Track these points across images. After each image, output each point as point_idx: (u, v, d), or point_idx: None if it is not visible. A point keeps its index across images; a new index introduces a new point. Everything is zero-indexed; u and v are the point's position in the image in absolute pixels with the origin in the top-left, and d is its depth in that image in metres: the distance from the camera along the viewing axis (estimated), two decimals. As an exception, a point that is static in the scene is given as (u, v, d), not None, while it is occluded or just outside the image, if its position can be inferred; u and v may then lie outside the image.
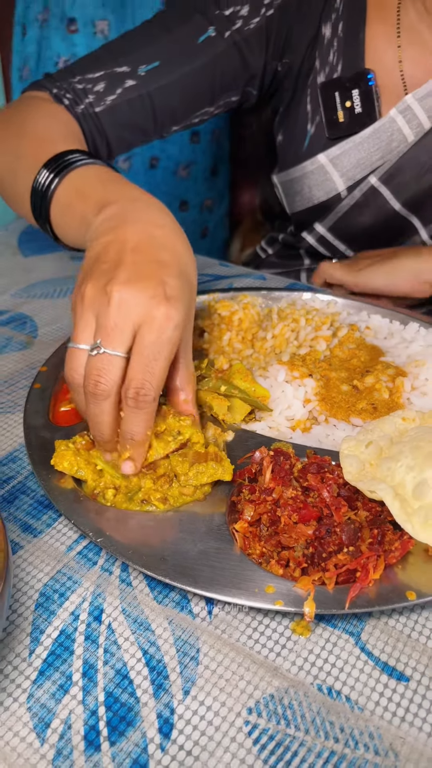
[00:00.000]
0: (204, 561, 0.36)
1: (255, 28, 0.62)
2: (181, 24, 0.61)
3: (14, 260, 0.72)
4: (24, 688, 0.31)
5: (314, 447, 0.43)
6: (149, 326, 0.37)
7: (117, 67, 0.60)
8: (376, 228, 0.67)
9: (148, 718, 0.30)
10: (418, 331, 0.54)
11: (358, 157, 0.64)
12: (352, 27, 0.62)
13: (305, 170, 0.67)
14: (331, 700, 0.31)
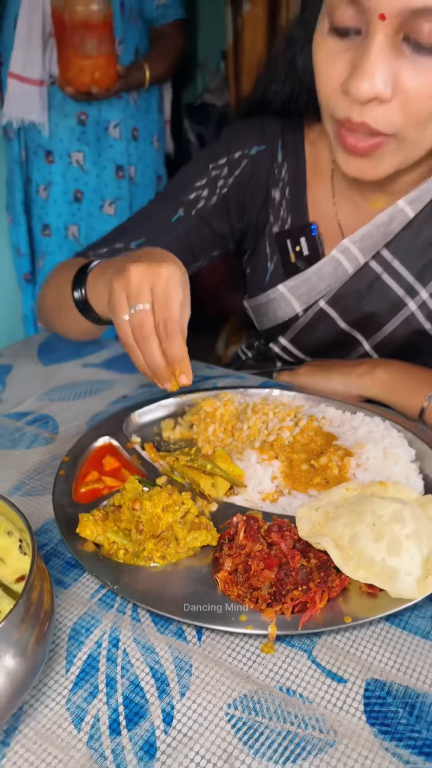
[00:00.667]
0: (194, 600, 0.47)
1: (215, 203, 0.81)
2: (160, 209, 0.82)
3: (35, 369, 0.86)
4: (63, 695, 0.42)
5: (279, 513, 0.56)
6: (158, 281, 0.58)
7: (116, 244, 0.80)
8: (327, 341, 0.83)
9: (155, 713, 0.41)
10: (362, 420, 0.68)
11: (309, 286, 0.80)
12: (296, 190, 0.80)
13: (269, 297, 0.83)
14: (289, 696, 0.42)
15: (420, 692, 0.43)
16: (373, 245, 0.76)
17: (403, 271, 0.76)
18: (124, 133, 1.60)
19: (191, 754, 0.39)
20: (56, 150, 1.62)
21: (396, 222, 0.74)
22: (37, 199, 1.69)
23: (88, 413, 0.75)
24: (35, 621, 0.40)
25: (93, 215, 1.67)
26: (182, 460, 0.61)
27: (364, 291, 0.78)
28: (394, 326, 0.79)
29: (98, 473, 0.63)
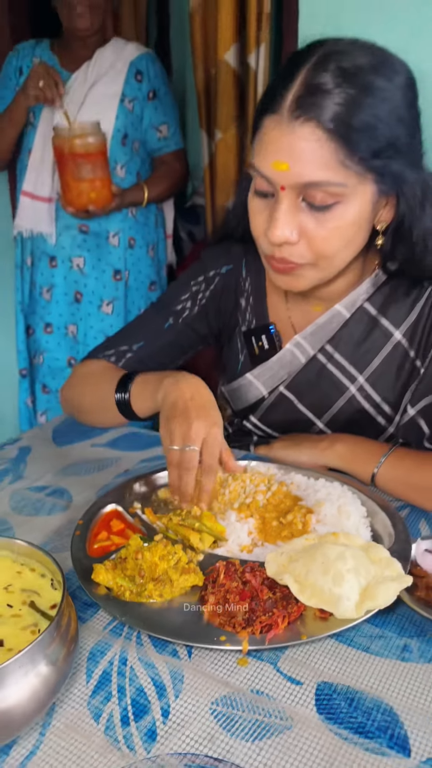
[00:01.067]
0: (186, 627, 0.61)
1: (197, 312, 1.00)
2: (154, 318, 1.02)
3: (51, 450, 1.02)
4: (84, 699, 0.55)
5: (253, 560, 0.70)
6: (211, 435, 0.76)
7: (121, 347, 0.98)
8: (289, 420, 0.99)
9: (155, 710, 0.54)
10: (323, 484, 0.83)
11: (272, 374, 0.97)
12: (258, 298, 0.99)
13: (240, 384, 1.00)
14: (258, 696, 0.55)
15: (357, 690, 0.56)
16: (318, 340, 0.93)
17: (343, 361, 0.93)
18: (122, 241, 1.82)
19: (183, 737, 0.52)
20: (59, 255, 1.84)
21: (335, 321, 0.92)
22: (40, 299, 1.89)
23: (97, 485, 0.90)
24: (64, 640, 0.54)
25: (92, 314, 1.86)
26: (175, 520, 0.75)
27: (313, 378, 0.95)
28: (339, 407, 0.95)
29: (107, 533, 0.77)
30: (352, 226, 0.77)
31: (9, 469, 0.95)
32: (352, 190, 0.74)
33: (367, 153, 0.72)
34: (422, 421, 0.90)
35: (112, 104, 1.75)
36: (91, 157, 1.61)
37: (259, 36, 1.56)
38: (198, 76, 1.71)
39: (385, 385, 0.92)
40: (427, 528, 0.80)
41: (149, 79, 1.80)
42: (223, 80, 1.63)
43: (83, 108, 1.73)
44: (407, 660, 0.59)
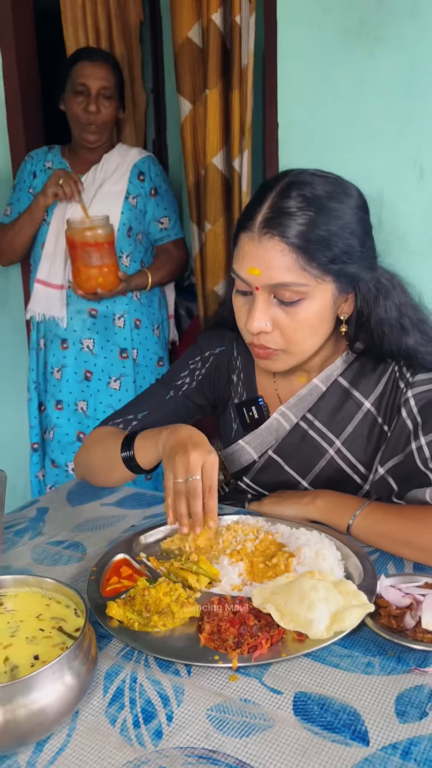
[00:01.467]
0: (185, 650, 0.73)
1: (195, 386, 1.17)
2: (158, 391, 1.18)
3: (66, 509, 1.15)
4: (102, 708, 0.67)
5: (242, 596, 0.82)
6: (208, 462, 0.89)
7: (127, 416, 1.14)
8: (277, 481, 1.13)
9: (161, 715, 0.66)
10: (303, 532, 0.96)
11: (261, 440, 1.12)
12: (248, 374, 1.15)
13: (234, 449, 1.15)
14: (245, 703, 0.67)
15: (327, 697, 0.67)
16: (300, 410, 1.08)
17: (322, 428, 1.07)
18: (128, 323, 2.00)
19: (184, 735, 0.63)
20: (70, 338, 2.01)
21: (314, 393, 1.07)
22: (51, 378, 2.05)
23: (107, 539, 1.03)
24: (86, 658, 0.66)
25: (101, 391, 2.02)
26: (176, 565, 0.88)
27: (297, 443, 1.10)
28: (320, 467, 1.09)
29: (118, 578, 0.89)
30: (316, 317, 0.94)
31: (29, 527, 1.08)
32: (313, 290, 0.92)
33: (324, 260, 0.90)
34: (390, 479, 1.04)
35: (118, 201, 1.96)
36: (99, 246, 1.81)
37: (242, 144, 1.79)
38: (189, 176, 1.94)
39: (359, 448, 1.07)
40: (393, 568, 0.92)
41: (150, 178, 2.02)
42: (211, 180, 1.85)
43: (92, 205, 1.95)
44: (370, 674, 0.71)
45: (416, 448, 0.98)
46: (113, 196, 1.98)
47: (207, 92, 1.79)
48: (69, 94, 1.95)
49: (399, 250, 1.66)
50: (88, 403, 2.04)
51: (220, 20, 1.74)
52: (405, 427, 1.00)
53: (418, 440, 0.98)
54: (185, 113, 1.87)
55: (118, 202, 1.97)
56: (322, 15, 1.63)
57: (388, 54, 1.56)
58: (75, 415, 2.06)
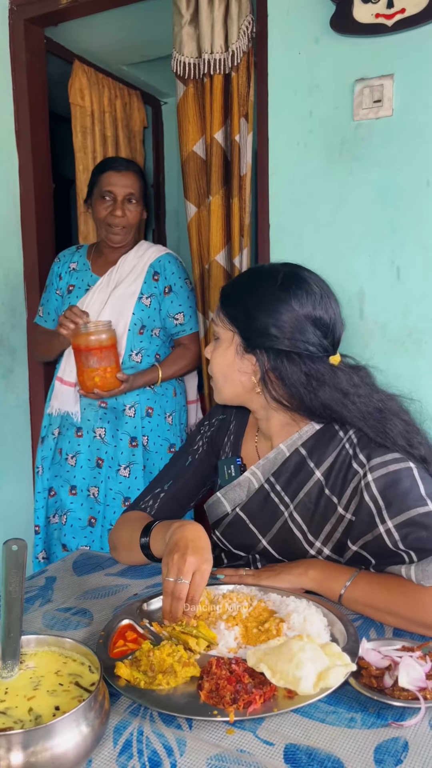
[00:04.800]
0: (187, 706, 0.81)
1: (206, 448, 1.33)
2: (178, 460, 1.33)
3: (73, 579, 1.23)
4: (113, 758, 0.74)
5: (238, 657, 0.91)
6: (200, 571, 0.98)
7: (155, 490, 1.30)
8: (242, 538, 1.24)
9: (166, 764, 0.73)
10: (293, 600, 1.05)
11: (234, 495, 1.24)
12: (237, 439, 1.30)
13: (213, 500, 1.28)
14: (241, 753, 0.75)
15: (314, 747, 0.76)
16: (266, 472, 1.21)
17: (281, 491, 1.19)
18: (138, 412, 2.04)
19: (187, 781, 0.71)
20: (84, 427, 2.08)
21: (279, 457, 1.20)
22: (65, 465, 2.10)
23: (112, 606, 1.11)
24: (100, 710, 0.75)
25: (111, 478, 2.05)
26: (177, 629, 0.97)
27: (261, 503, 1.21)
28: (277, 529, 1.19)
29: (123, 641, 0.97)
30: (223, 359, 1.19)
31: (39, 595, 1.17)
32: (223, 335, 1.19)
33: (227, 312, 1.19)
34: (366, 553, 1.13)
35: (130, 303, 2.04)
36: (98, 350, 1.88)
37: (242, 243, 1.98)
38: (195, 270, 2.13)
39: (306, 512, 1.17)
40: (374, 633, 1.01)
41: (165, 277, 2.08)
42: (215, 275, 2.03)
43: (106, 307, 2.03)
44: (352, 727, 0.79)
45: (384, 531, 1.07)
46: (126, 298, 2.04)
47: (210, 198, 2.00)
48: (96, 199, 2.05)
49: (381, 338, 1.82)
50: (99, 489, 2.07)
51: (221, 138, 1.97)
52: (369, 510, 1.10)
53: (385, 523, 1.07)
54: (191, 215, 2.07)
55: (130, 303, 2.04)
56: (308, 135, 1.86)
57: (365, 170, 1.77)
58: (87, 501, 2.09)
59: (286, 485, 1.19)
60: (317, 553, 1.17)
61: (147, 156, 3.36)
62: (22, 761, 0.67)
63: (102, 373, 1.89)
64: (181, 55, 1.97)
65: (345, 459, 1.15)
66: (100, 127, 2.85)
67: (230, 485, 1.25)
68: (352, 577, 1.10)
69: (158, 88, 3.35)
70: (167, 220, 3.62)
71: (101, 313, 2.03)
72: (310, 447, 1.18)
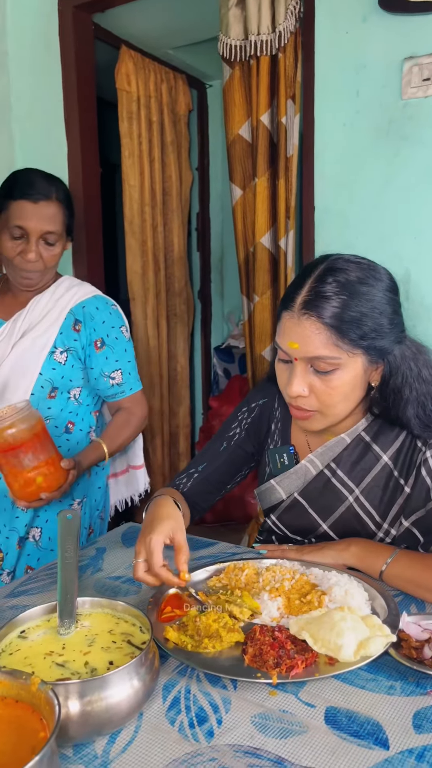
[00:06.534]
0: (231, 668, 0.85)
1: (243, 435, 1.32)
2: (213, 444, 1.33)
3: (122, 550, 1.28)
4: (162, 712, 0.79)
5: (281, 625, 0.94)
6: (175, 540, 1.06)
7: (190, 470, 1.29)
8: (300, 522, 1.25)
9: (212, 719, 0.78)
10: (334, 574, 1.08)
11: (289, 482, 1.25)
12: (284, 425, 1.30)
13: (266, 488, 1.29)
14: (283, 713, 0.79)
15: (354, 711, 0.79)
16: (326, 459, 1.22)
17: (344, 476, 1.20)
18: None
19: (232, 736, 0.75)
20: None
21: (339, 445, 1.21)
22: None
23: (160, 576, 1.16)
24: (150, 668, 0.80)
25: None
26: (222, 598, 1.01)
27: (321, 488, 1.23)
28: (340, 513, 1.21)
29: (171, 608, 1.02)
30: (348, 385, 1.09)
31: (90, 564, 1.22)
32: (346, 362, 1.07)
33: (354, 337, 1.05)
34: (416, 530, 1.15)
35: (38, 359, 1.55)
36: (30, 443, 1.33)
37: (287, 225, 2.00)
38: (240, 252, 2.15)
39: (375, 497, 1.19)
40: (415, 609, 1.03)
41: (93, 329, 1.59)
42: (260, 258, 2.05)
43: (4, 364, 1.55)
44: (392, 694, 0.82)
45: None
46: (34, 352, 1.55)
47: (256, 180, 2.01)
48: (2, 231, 1.50)
49: (427, 321, 1.82)
50: None
51: (267, 120, 1.97)
52: (425, 485, 1.13)
53: None
54: (236, 198, 2.09)
55: (37, 359, 1.54)
56: (355, 116, 1.85)
57: (413, 150, 1.75)
58: None
59: (349, 471, 1.21)
60: (384, 535, 1.20)
61: (192, 140, 3.38)
62: (78, 709, 0.72)
63: (44, 469, 1.36)
64: (228, 38, 1.98)
65: (411, 441, 1.17)
66: (145, 112, 2.88)
67: (285, 474, 1.27)
68: (393, 554, 1.12)
69: (203, 71, 3.35)
70: (211, 205, 3.63)
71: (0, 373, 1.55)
72: (374, 433, 1.20)
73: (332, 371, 1.07)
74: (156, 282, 3.03)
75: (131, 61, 2.79)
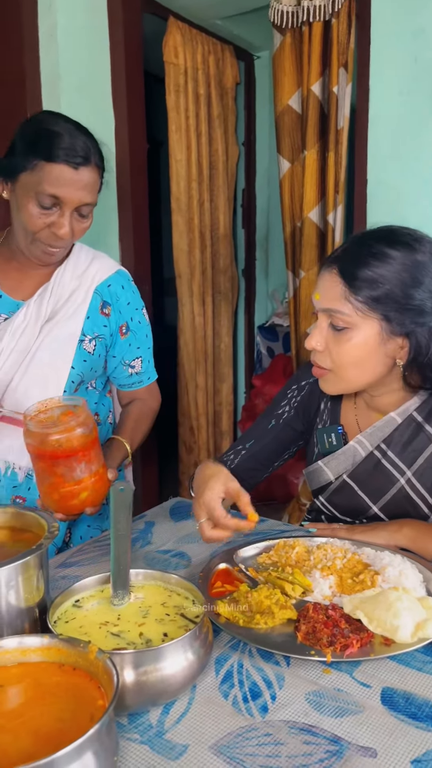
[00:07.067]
0: (284, 644, 0.84)
1: (293, 414, 1.30)
2: (262, 422, 1.31)
3: (169, 524, 1.29)
4: (215, 685, 0.79)
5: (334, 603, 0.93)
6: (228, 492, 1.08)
7: (237, 447, 1.29)
8: (350, 504, 1.22)
9: (266, 695, 0.77)
10: (387, 555, 1.05)
11: (337, 463, 1.23)
12: (334, 404, 1.27)
13: (313, 468, 1.27)
14: (338, 692, 0.78)
15: (411, 693, 0.77)
16: (376, 439, 1.19)
17: (394, 458, 1.17)
18: None
19: (286, 712, 0.75)
20: None
21: (389, 425, 1.18)
22: None
23: (208, 550, 1.16)
24: (204, 641, 0.79)
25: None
26: (273, 574, 1.00)
27: (371, 470, 1.20)
28: (391, 494, 1.18)
29: (221, 583, 1.02)
30: (360, 350, 1.08)
31: (140, 537, 1.23)
32: (358, 323, 1.06)
33: (368, 297, 1.04)
34: None
35: (69, 349, 1.31)
36: (83, 451, 1.08)
37: (336, 200, 1.94)
38: (286, 227, 2.11)
39: (428, 479, 1.16)
40: (472, 592, 1.01)
41: (119, 311, 1.39)
42: (307, 232, 2.01)
43: (36, 357, 1.28)
44: (450, 677, 0.80)
45: None
46: (62, 341, 1.30)
47: (305, 153, 1.96)
48: (27, 197, 1.19)
49: None
50: None
51: (318, 90, 1.92)
52: None
53: None
54: (284, 171, 2.05)
55: (68, 350, 1.31)
56: (412, 83, 1.78)
57: (474, 119, 1.68)
58: None
59: (400, 452, 1.18)
60: None
61: (239, 113, 3.32)
62: (133, 678, 0.72)
63: (93, 482, 1.11)
64: (280, 4, 1.92)
65: None
66: (193, 85, 2.84)
67: (333, 455, 1.25)
68: None
69: (251, 41, 3.28)
70: (257, 181, 3.58)
71: (28, 369, 1.27)
72: (428, 413, 1.16)
73: (345, 330, 1.08)
74: (202, 260, 3.01)
75: (179, 32, 2.74)
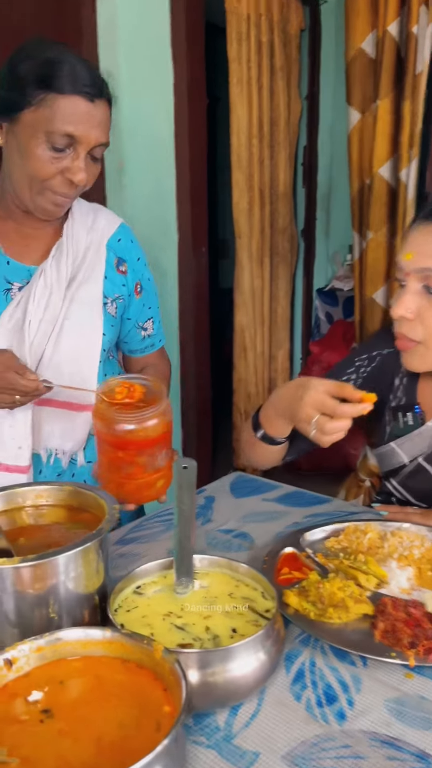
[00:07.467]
0: (361, 643, 0.77)
1: (360, 384, 1.20)
2: None
3: (231, 500, 1.23)
4: (287, 686, 0.73)
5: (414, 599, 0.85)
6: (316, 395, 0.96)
7: None
8: (426, 488, 1.13)
9: (342, 699, 0.71)
10: (471, 546, 0.97)
11: (412, 445, 1.13)
12: (411, 381, 1.17)
13: (385, 450, 1.17)
14: (423, 700, 0.70)
15: None
16: None
17: None
18: None
19: (365, 721, 0.68)
20: None
21: None
22: None
23: (272, 532, 1.09)
24: (276, 640, 0.73)
25: None
26: (345, 563, 0.93)
27: None
28: None
29: (288, 569, 0.95)
30: None
31: (200, 513, 1.17)
32: None
33: None
34: None
35: (96, 316, 1.16)
36: (162, 439, 0.95)
37: (410, 154, 1.79)
38: (353, 184, 1.96)
39: None
40: None
41: (133, 268, 1.24)
42: (377, 190, 1.87)
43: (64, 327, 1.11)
44: None
45: None
46: (88, 305, 1.14)
47: (378, 102, 1.81)
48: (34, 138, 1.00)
49: None
50: None
51: (396, 30, 1.75)
52: None
53: None
54: (353, 123, 1.90)
55: (96, 316, 1.16)
56: None
57: None
58: None
59: None
60: None
61: (302, 63, 3.13)
62: (199, 679, 0.67)
63: (167, 470, 0.99)
64: None
65: None
66: (255, 33, 2.68)
67: (408, 436, 1.16)
68: None
69: (318, -16, 3.07)
70: (320, 137, 3.39)
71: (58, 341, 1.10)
72: None
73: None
74: (261, 219, 2.89)
75: (241, -25, 2.58)
